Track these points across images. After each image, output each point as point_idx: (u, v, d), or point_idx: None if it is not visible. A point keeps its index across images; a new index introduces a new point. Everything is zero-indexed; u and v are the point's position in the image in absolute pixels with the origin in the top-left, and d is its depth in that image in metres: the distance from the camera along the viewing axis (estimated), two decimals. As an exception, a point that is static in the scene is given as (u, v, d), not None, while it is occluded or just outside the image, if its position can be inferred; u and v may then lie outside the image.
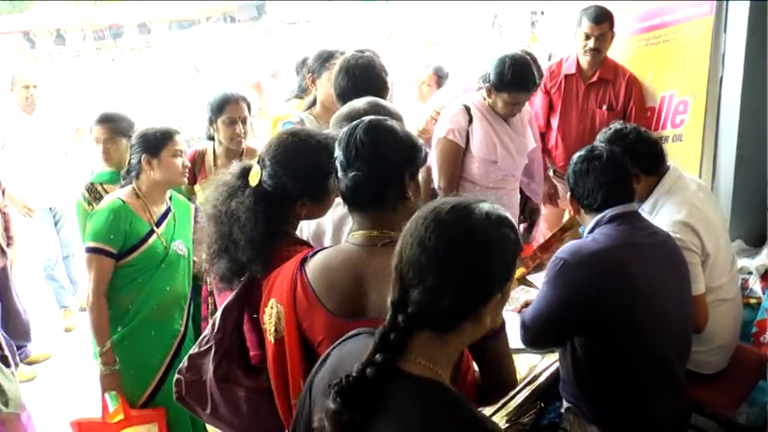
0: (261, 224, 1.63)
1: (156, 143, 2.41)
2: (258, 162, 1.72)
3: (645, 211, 2.34)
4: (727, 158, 3.02)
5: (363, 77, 2.38)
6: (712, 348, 2.37)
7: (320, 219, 1.93)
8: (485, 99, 2.78)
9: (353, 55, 2.44)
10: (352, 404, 0.99)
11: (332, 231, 1.97)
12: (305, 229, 2.03)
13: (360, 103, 2.05)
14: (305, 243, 1.76)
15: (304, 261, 1.47)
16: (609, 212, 1.97)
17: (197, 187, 2.88)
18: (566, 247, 1.96)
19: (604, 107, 3.34)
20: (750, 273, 2.91)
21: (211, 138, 2.97)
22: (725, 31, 2.90)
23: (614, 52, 3.34)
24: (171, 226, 2.51)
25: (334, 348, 1.21)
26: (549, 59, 3.88)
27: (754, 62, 2.86)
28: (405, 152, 1.46)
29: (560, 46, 3.93)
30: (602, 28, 3.18)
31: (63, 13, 18.00)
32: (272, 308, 1.49)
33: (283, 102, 3.52)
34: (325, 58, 2.79)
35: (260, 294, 1.58)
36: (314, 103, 2.91)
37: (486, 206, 1.09)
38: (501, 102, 2.72)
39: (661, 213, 2.29)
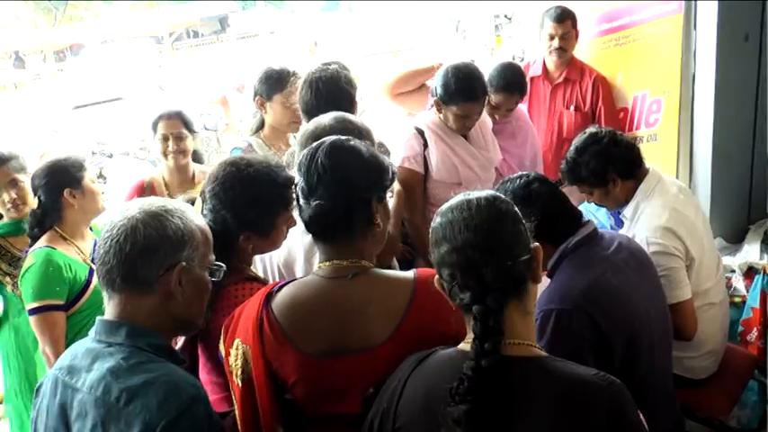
0: None
1: (76, 173, 2.26)
2: (201, 195, 1.61)
3: (626, 217, 2.28)
4: (703, 156, 2.97)
5: (328, 92, 2.26)
6: (703, 354, 2.30)
7: (291, 245, 1.82)
8: (437, 116, 2.62)
9: (318, 68, 2.32)
10: (483, 399, 1.03)
11: (303, 258, 1.85)
12: (274, 257, 1.91)
13: (326, 119, 1.92)
14: (257, 279, 1.65)
15: (269, 297, 1.36)
16: (573, 240, 1.81)
17: None
18: (544, 297, 1.73)
19: (572, 108, 3.29)
20: (732, 271, 2.86)
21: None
22: (695, 27, 2.86)
23: (583, 54, 3.30)
24: None
25: (406, 377, 1.19)
26: (515, 60, 3.83)
27: (726, 57, 2.82)
28: (371, 175, 1.35)
29: (530, 48, 3.90)
30: (564, 26, 3.14)
31: (22, 35, 17.60)
32: (237, 349, 1.37)
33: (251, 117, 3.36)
34: (276, 79, 2.63)
35: (216, 335, 1.46)
36: (262, 125, 2.76)
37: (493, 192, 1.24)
38: (451, 116, 2.53)
39: (642, 219, 2.22)
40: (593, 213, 3.13)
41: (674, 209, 2.18)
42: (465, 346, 1.16)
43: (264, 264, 1.95)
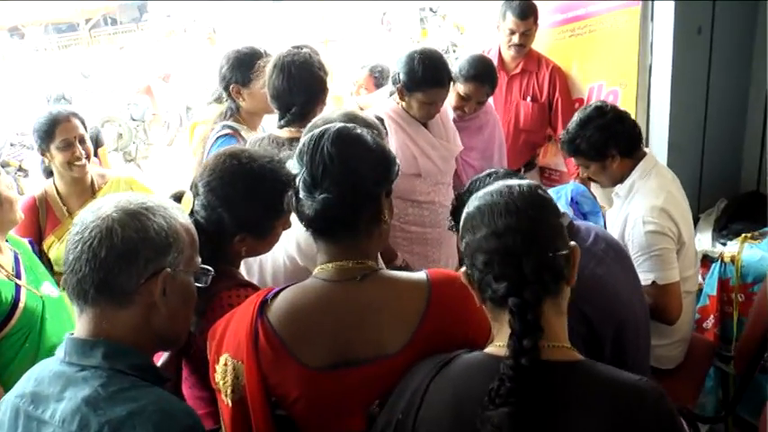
0: None
1: None
2: (191, 188, 1.45)
3: (620, 195, 2.27)
4: (659, 147, 3.00)
5: (301, 76, 2.13)
6: (673, 342, 2.32)
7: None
8: (398, 104, 2.54)
9: (289, 52, 2.17)
10: (526, 401, 0.96)
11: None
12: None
13: (335, 114, 1.81)
14: (250, 285, 1.50)
15: (263, 306, 1.22)
16: None
17: (51, 239, 2.45)
18: None
19: (528, 99, 3.28)
20: (688, 260, 2.91)
21: (50, 172, 2.52)
22: (652, 19, 2.87)
23: (537, 44, 3.27)
24: (30, 271, 2.08)
25: (426, 384, 1.08)
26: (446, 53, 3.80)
27: (682, 49, 2.85)
28: (380, 167, 1.24)
29: (459, 42, 3.86)
30: (527, 24, 3.10)
31: None
32: (225, 365, 1.23)
33: (205, 105, 3.16)
34: (250, 63, 2.47)
35: (202, 347, 1.31)
36: (237, 110, 2.59)
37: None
38: (416, 103, 2.46)
39: (637, 198, 2.21)
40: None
41: (669, 192, 2.19)
42: (494, 349, 1.08)
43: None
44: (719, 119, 3.10)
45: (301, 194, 1.22)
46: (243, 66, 2.48)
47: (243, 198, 1.42)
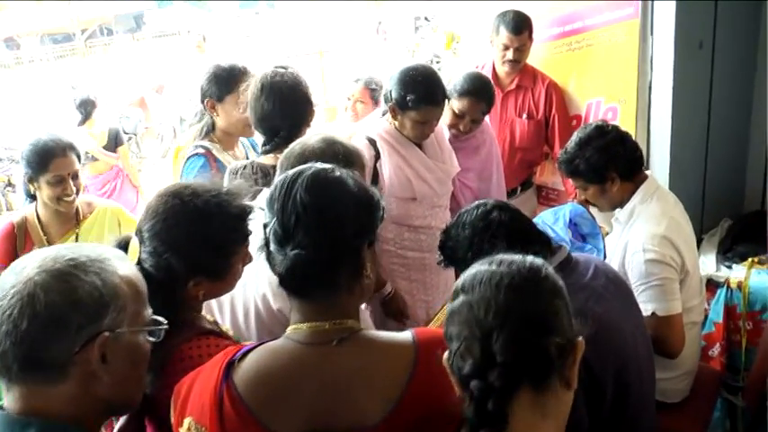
0: None
1: None
2: (136, 233, 1.33)
3: (620, 220, 2.16)
4: (660, 166, 2.89)
5: (292, 99, 2.04)
6: (679, 375, 2.20)
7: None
8: (390, 124, 2.42)
9: (276, 72, 2.07)
10: None
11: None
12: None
13: (313, 140, 1.69)
14: (212, 332, 1.37)
15: (230, 367, 1.10)
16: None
17: None
18: None
19: (524, 116, 3.17)
20: (693, 284, 2.79)
21: (32, 197, 2.39)
22: (652, 33, 2.76)
23: (533, 58, 3.17)
24: None
25: None
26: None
27: (684, 64, 2.74)
28: (361, 215, 1.11)
29: (444, 55, 3.77)
30: (521, 39, 2.99)
31: None
32: (189, 429, 1.11)
33: (188, 127, 3.06)
34: (226, 79, 2.39)
35: (165, 406, 1.19)
36: (211, 128, 2.51)
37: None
38: (409, 122, 2.34)
39: (637, 224, 2.09)
40: (551, 226, 3.00)
41: (672, 218, 2.08)
42: None
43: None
44: (722, 136, 2.99)
45: (272, 247, 1.09)
46: (220, 81, 2.41)
47: (190, 240, 1.29)
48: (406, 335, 1.13)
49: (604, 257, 2.40)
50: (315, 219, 1.06)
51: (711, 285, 2.75)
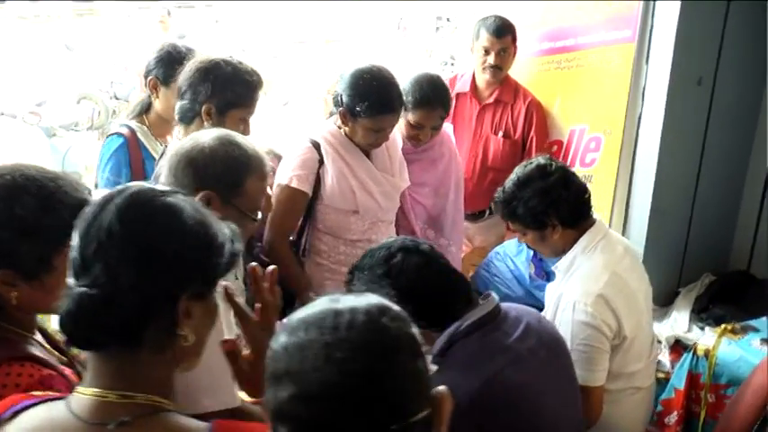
0: None
1: None
2: None
3: (559, 270, 1.93)
4: (641, 206, 2.62)
5: (224, 87, 1.89)
6: (621, 444, 1.95)
7: None
8: (339, 128, 2.19)
9: (218, 58, 1.93)
10: None
11: None
12: None
13: (206, 137, 1.45)
14: (33, 358, 1.09)
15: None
16: (467, 320, 1.40)
17: None
18: None
19: (500, 134, 2.91)
20: (659, 342, 2.52)
21: None
22: (647, 62, 2.49)
23: (517, 73, 2.90)
24: None
25: None
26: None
27: (678, 100, 2.47)
28: (190, 257, 0.85)
29: (460, 56, 3.54)
30: (503, 42, 2.73)
31: None
32: None
33: None
34: (176, 61, 2.18)
35: None
36: (147, 108, 2.33)
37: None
38: (361, 130, 2.13)
39: (576, 276, 1.86)
40: (512, 258, 2.75)
41: (615, 272, 1.83)
42: None
43: None
44: (713, 183, 2.71)
45: (68, 279, 0.83)
46: (171, 63, 2.22)
47: None
48: (202, 426, 0.86)
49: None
50: (119, 250, 0.80)
51: (678, 347, 2.49)
